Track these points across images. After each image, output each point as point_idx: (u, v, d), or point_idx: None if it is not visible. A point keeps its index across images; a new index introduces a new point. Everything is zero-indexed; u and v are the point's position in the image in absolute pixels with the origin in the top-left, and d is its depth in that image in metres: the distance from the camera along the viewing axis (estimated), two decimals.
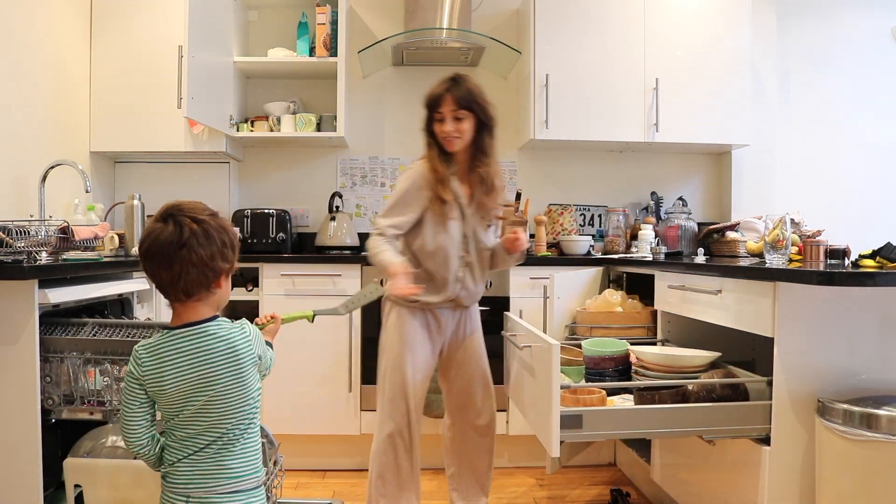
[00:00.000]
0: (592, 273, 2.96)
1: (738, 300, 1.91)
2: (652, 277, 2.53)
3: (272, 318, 1.71)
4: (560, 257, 3.28)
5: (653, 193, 3.60)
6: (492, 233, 2.26)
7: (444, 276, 2.15)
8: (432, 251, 2.13)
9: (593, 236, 3.64)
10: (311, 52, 3.38)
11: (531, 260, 2.85)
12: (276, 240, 3.28)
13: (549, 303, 2.82)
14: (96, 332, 1.78)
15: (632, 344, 2.31)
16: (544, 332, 2.34)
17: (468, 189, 2.16)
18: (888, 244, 1.77)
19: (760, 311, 1.80)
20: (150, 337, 1.46)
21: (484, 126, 2.11)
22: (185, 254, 1.34)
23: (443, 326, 2.21)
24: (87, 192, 2.53)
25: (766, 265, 1.88)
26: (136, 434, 1.38)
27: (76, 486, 1.67)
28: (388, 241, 2.08)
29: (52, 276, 1.67)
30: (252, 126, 3.42)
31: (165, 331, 1.39)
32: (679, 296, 2.30)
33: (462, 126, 2.08)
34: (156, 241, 1.33)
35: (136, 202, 2.86)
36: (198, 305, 1.42)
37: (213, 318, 1.46)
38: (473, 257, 2.19)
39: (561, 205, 3.67)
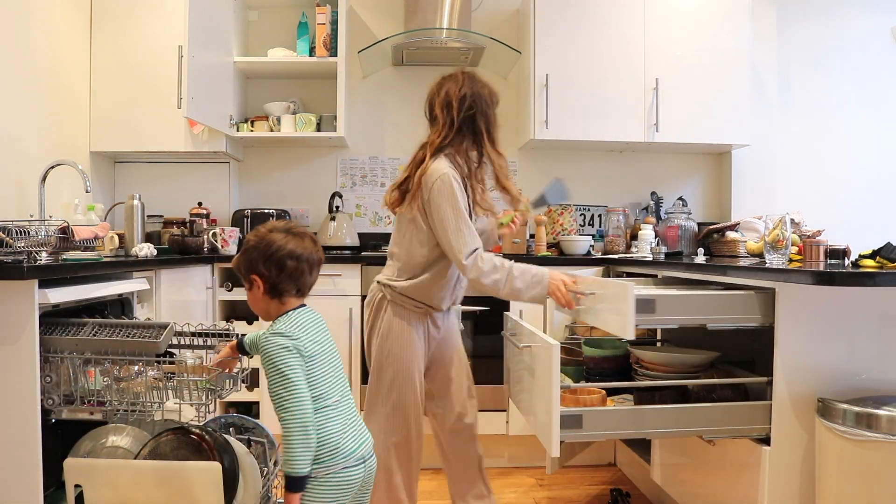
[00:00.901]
0: (592, 273, 2.96)
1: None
2: (652, 277, 2.53)
3: None
4: (560, 257, 3.28)
5: (653, 193, 3.60)
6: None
7: (458, 280, 2.12)
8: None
9: (593, 236, 3.64)
10: (311, 52, 3.38)
11: (532, 260, 2.84)
12: None
13: (549, 303, 2.82)
14: (96, 332, 1.78)
15: (632, 344, 2.31)
16: (544, 332, 2.34)
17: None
18: (888, 244, 1.77)
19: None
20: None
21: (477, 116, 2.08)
22: (316, 268, 1.69)
23: (440, 329, 2.16)
24: (87, 192, 2.53)
25: (766, 265, 1.88)
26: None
27: (76, 486, 1.67)
28: (494, 256, 1.97)
29: (52, 276, 1.67)
30: (252, 126, 3.42)
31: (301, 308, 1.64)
32: None
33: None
34: (303, 253, 1.62)
35: (136, 202, 2.86)
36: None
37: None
38: None
39: (561, 205, 3.67)
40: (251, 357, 1.82)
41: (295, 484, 1.48)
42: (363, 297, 2.99)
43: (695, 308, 1.81)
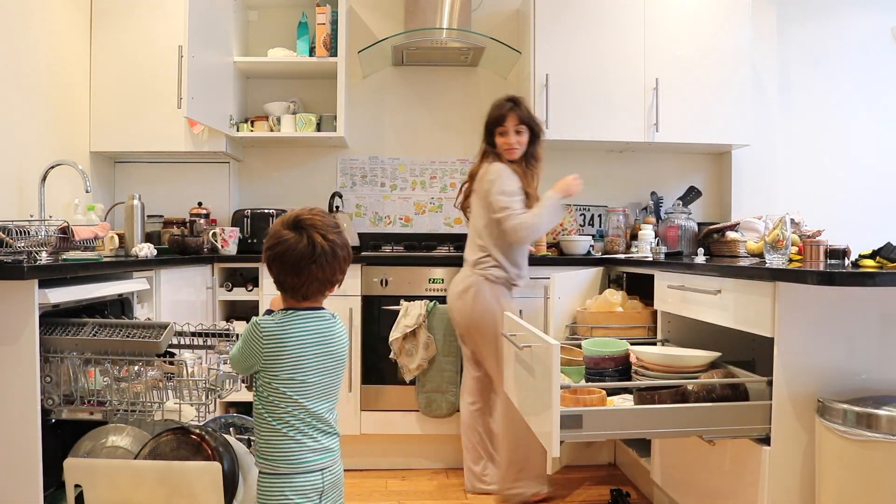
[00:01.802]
0: (592, 273, 2.96)
1: (738, 300, 1.91)
2: (652, 277, 2.53)
3: None
4: (560, 257, 3.28)
5: (653, 193, 3.60)
6: None
7: (526, 259, 2.68)
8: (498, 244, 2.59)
9: (593, 236, 3.64)
10: (311, 52, 3.38)
11: (531, 260, 2.84)
12: None
13: (549, 303, 2.83)
14: (96, 332, 1.78)
15: (632, 344, 2.30)
16: (544, 332, 2.34)
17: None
18: (888, 244, 1.77)
19: (760, 311, 1.80)
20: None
21: (536, 137, 2.64)
22: (313, 268, 1.50)
23: (511, 301, 2.64)
24: (87, 192, 2.53)
25: (766, 265, 1.88)
26: None
27: (76, 486, 1.67)
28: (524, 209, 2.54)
29: (52, 276, 1.67)
30: (252, 126, 3.42)
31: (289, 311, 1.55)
32: (679, 296, 2.30)
33: (521, 139, 2.60)
34: (289, 251, 1.49)
35: (136, 202, 2.86)
36: (310, 303, 1.57)
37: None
38: None
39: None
40: None
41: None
42: (363, 297, 3.00)
43: None
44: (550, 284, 2.77)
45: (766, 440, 1.80)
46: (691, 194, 3.54)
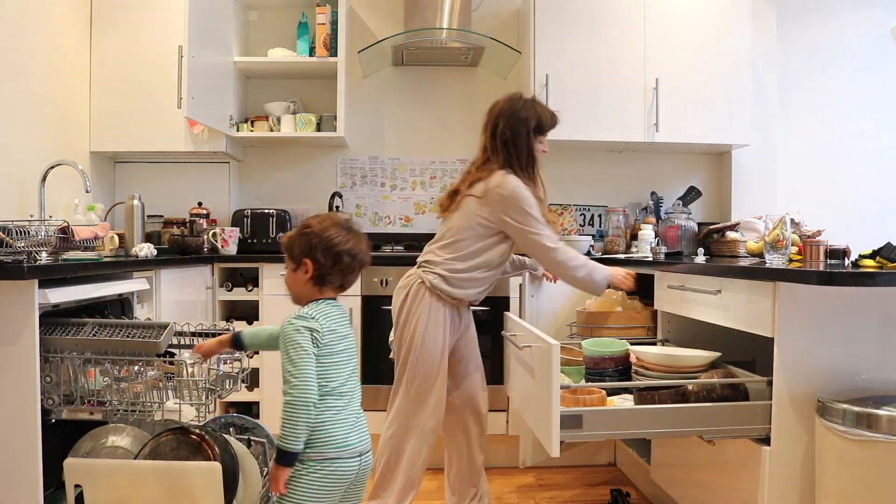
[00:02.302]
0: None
1: (738, 300, 1.91)
2: (652, 277, 2.53)
3: None
4: None
5: (653, 193, 3.60)
6: None
7: (478, 291, 2.25)
8: (502, 262, 2.27)
9: (593, 236, 3.64)
10: (311, 52, 3.38)
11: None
12: (276, 240, 3.29)
13: (524, 300, 2.83)
14: (96, 332, 1.78)
15: (632, 344, 2.31)
16: (544, 332, 2.34)
17: None
18: (888, 244, 1.77)
19: (760, 311, 1.80)
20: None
21: None
22: (357, 270, 1.75)
23: (462, 320, 2.29)
24: (87, 192, 2.53)
25: (766, 265, 1.88)
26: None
27: (76, 486, 1.67)
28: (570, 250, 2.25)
29: (52, 276, 1.67)
30: (252, 126, 3.42)
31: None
32: (679, 296, 2.30)
33: None
34: (349, 253, 1.68)
35: (136, 202, 2.86)
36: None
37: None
38: None
39: (561, 205, 3.67)
40: (246, 351, 1.83)
41: (286, 458, 1.52)
42: (363, 297, 3.00)
43: None
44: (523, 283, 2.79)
45: (766, 440, 1.80)
46: (691, 194, 3.54)
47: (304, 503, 1.53)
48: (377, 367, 2.98)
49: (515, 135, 2.20)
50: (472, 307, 2.37)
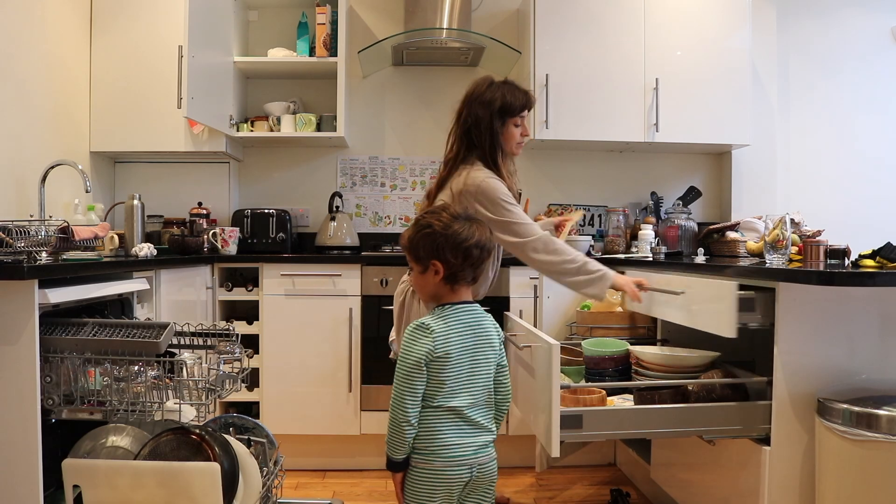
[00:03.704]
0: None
1: (703, 300, 1.91)
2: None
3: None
4: None
5: (653, 193, 3.60)
6: None
7: (487, 278, 2.19)
8: (495, 256, 2.20)
9: (593, 236, 3.64)
10: (311, 52, 3.38)
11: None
12: (276, 240, 3.28)
13: (539, 302, 2.83)
14: (96, 332, 1.78)
15: (632, 344, 2.31)
16: (534, 326, 2.34)
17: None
18: (888, 244, 1.77)
19: (719, 311, 1.80)
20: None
21: None
22: (487, 260, 1.69)
23: None
24: (87, 192, 2.53)
25: (766, 265, 1.88)
26: None
27: (75, 486, 1.67)
28: (556, 242, 2.09)
29: (52, 276, 1.67)
30: (252, 126, 3.42)
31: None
32: (647, 296, 2.28)
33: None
34: (489, 240, 1.65)
35: (136, 202, 2.86)
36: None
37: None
38: None
39: (561, 205, 3.68)
40: None
41: (391, 464, 1.61)
42: (363, 297, 3.00)
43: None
44: (540, 283, 2.78)
45: (766, 440, 1.80)
46: (691, 194, 3.54)
47: None
48: (377, 367, 2.98)
49: (477, 119, 2.09)
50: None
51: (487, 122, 2.09)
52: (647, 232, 3.25)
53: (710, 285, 1.89)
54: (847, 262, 1.98)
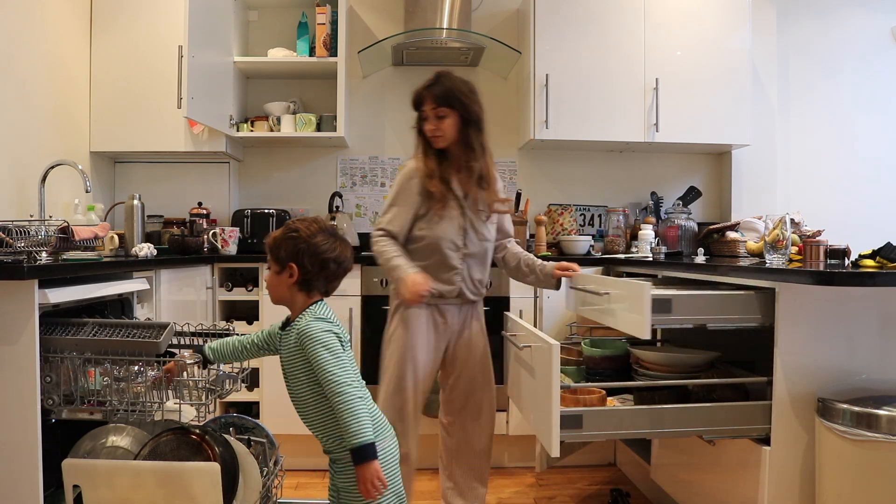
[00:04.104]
0: (592, 273, 2.96)
1: (622, 302, 1.91)
2: (652, 278, 2.53)
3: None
4: (560, 257, 3.28)
5: (653, 193, 3.60)
6: (493, 226, 2.26)
7: (444, 269, 2.14)
8: (428, 244, 2.14)
9: (593, 236, 3.63)
10: (311, 52, 3.38)
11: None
12: None
13: (539, 302, 2.82)
14: (96, 332, 1.78)
15: (632, 344, 2.31)
16: (535, 327, 2.34)
17: (465, 183, 2.17)
18: (888, 244, 1.77)
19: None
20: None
21: (468, 122, 2.14)
22: (342, 276, 1.73)
23: (449, 323, 2.18)
24: (87, 192, 2.53)
25: (767, 265, 1.88)
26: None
27: (75, 486, 1.67)
28: (392, 242, 2.12)
29: (52, 276, 1.67)
30: (252, 126, 3.42)
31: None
32: (581, 297, 2.27)
33: (444, 124, 2.14)
34: (336, 259, 1.67)
35: (136, 202, 2.86)
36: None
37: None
38: (473, 249, 2.18)
39: (561, 205, 3.67)
40: (212, 363, 1.81)
41: (368, 452, 1.52)
42: (363, 297, 3.00)
43: (700, 308, 1.82)
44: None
45: (766, 440, 1.80)
46: (691, 194, 3.54)
47: (395, 486, 1.64)
48: (377, 367, 2.97)
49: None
50: (463, 307, 2.22)
51: (417, 118, 2.28)
52: (647, 232, 3.25)
53: (628, 286, 1.87)
54: (847, 262, 1.98)
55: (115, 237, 2.62)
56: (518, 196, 3.49)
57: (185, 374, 1.79)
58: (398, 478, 1.67)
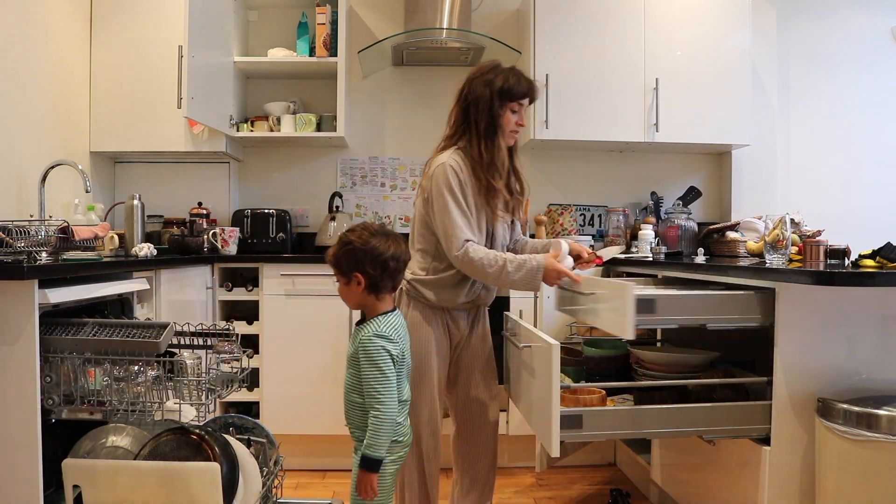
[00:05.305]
0: (592, 273, 2.96)
1: (605, 302, 1.90)
2: (652, 277, 2.53)
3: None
4: None
5: (653, 193, 3.60)
6: (510, 230, 2.20)
7: (465, 280, 2.05)
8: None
9: (593, 236, 3.63)
10: (311, 52, 3.38)
11: None
12: (276, 240, 3.28)
13: (539, 302, 2.81)
14: (96, 332, 1.78)
15: (632, 344, 2.31)
16: (535, 327, 2.34)
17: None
18: (888, 244, 1.77)
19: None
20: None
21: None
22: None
23: (460, 326, 2.13)
24: (87, 192, 2.53)
25: (767, 265, 1.88)
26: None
27: (75, 486, 1.67)
28: (488, 250, 1.96)
29: (52, 276, 1.67)
30: (252, 126, 3.42)
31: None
32: (568, 297, 2.26)
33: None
34: (405, 252, 1.83)
35: (136, 202, 2.86)
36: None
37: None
38: None
39: (561, 205, 3.67)
40: None
41: (373, 465, 1.72)
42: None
43: (694, 308, 1.81)
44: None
45: (766, 440, 1.80)
46: (691, 194, 3.54)
47: (386, 496, 1.78)
48: None
49: (478, 97, 2.01)
50: (472, 311, 2.17)
51: (487, 100, 2.01)
52: (647, 232, 3.25)
53: (612, 286, 1.86)
54: (847, 262, 1.98)
55: (115, 237, 2.62)
56: (520, 195, 3.48)
57: (184, 374, 1.79)
58: (391, 486, 1.81)
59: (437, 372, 2.08)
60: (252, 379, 2.75)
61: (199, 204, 3.36)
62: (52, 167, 2.60)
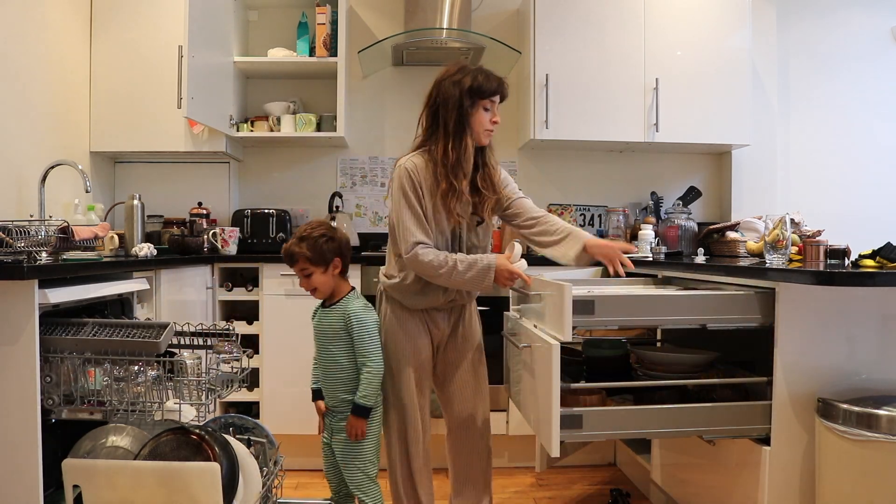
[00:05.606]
0: (592, 273, 2.96)
1: (552, 305, 1.91)
2: (652, 277, 2.53)
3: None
4: None
5: (653, 193, 3.60)
6: (482, 231, 2.12)
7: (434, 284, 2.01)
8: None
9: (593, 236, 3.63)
10: (311, 52, 3.38)
11: (531, 260, 2.83)
12: (276, 240, 3.28)
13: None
14: (96, 332, 1.78)
15: (632, 344, 2.31)
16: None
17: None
18: (888, 244, 1.77)
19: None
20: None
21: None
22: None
23: (440, 326, 2.12)
24: (87, 192, 2.53)
25: (767, 265, 1.88)
26: None
27: (75, 486, 1.67)
28: (438, 250, 1.95)
29: (52, 276, 1.67)
30: (252, 126, 3.42)
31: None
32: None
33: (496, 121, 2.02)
34: (348, 244, 2.12)
35: (136, 202, 2.86)
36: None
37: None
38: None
39: (561, 205, 3.67)
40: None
41: (364, 412, 2.01)
42: (364, 297, 2.99)
43: (692, 308, 1.82)
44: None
45: (766, 440, 1.80)
46: (691, 194, 3.54)
47: (374, 440, 2.06)
48: None
49: (447, 97, 1.98)
50: (448, 309, 2.13)
51: (457, 99, 1.97)
52: (647, 232, 3.25)
53: (553, 287, 1.85)
54: (847, 262, 1.98)
55: (115, 237, 2.62)
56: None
57: (184, 374, 1.79)
58: (378, 432, 2.08)
59: (415, 374, 2.08)
60: (252, 379, 2.75)
61: (199, 204, 3.36)
62: (52, 167, 2.60)
